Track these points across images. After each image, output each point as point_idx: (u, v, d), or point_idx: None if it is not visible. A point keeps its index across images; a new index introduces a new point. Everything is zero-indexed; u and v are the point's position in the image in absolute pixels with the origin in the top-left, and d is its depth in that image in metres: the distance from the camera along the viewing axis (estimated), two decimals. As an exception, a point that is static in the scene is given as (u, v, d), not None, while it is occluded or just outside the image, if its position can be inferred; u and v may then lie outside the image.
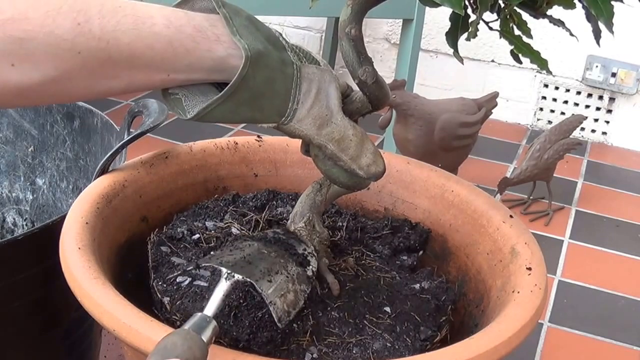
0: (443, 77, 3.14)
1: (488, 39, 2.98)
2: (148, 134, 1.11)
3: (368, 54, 0.95)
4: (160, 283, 0.97)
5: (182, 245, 1.05)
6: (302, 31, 3.28)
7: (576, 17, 0.96)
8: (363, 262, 1.08)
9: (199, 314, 0.81)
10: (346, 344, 0.91)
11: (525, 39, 0.95)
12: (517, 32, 0.95)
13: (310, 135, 0.92)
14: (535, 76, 3.09)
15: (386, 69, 3.16)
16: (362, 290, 1.01)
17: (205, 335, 0.78)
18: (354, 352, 0.90)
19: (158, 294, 0.96)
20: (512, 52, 0.97)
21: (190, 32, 0.85)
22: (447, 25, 0.94)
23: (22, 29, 0.77)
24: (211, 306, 0.84)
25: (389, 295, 1.02)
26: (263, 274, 0.89)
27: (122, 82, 0.85)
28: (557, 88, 3.09)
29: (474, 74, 3.10)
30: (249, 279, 0.87)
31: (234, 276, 0.87)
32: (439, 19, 2.88)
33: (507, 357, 0.86)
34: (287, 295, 0.89)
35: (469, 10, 0.90)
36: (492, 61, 3.07)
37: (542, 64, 0.95)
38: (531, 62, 0.95)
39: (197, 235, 1.07)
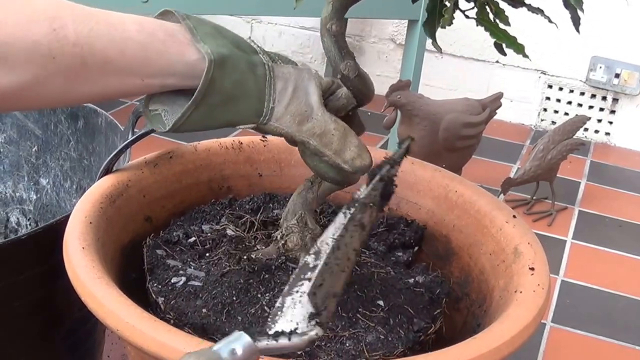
0: (448, 78, 3.14)
1: (492, 40, 2.97)
2: (152, 134, 1.11)
3: (350, 49, 0.96)
4: (155, 284, 0.98)
5: (177, 249, 1.06)
6: (307, 32, 3.28)
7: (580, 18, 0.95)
8: (358, 258, 1.09)
9: (246, 335, 0.70)
10: (339, 337, 0.92)
11: (502, 26, 0.95)
12: (502, 26, 0.96)
13: (292, 133, 0.93)
14: (539, 77, 3.09)
15: (391, 70, 3.16)
16: (356, 285, 1.02)
17: None
18: (347, 345, 0.91)
19: (153, 294, 0.97)
20: (495, 43, 0.97)
21: (162, 37, 0.87)
22: (452, 27, 0.95)
23: None
24: (269, 344, 0.72)
25: (383, 290, 1.02)
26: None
27: (96, 86, 0.87)
28: (560, 89, 3.09)
29: (478, 75, 3.10)
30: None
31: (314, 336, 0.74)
32: (443, 19, 2.87)
33: (510, 357, 0.86)
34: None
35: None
36: (497, 62, 3.07)
37: (518, 48, 0.96)
38: (506, 46, 0.96)
39: (193, 239, 1.08)
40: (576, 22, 0.95)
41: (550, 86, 3.09)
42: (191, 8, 2.27)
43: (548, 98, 3.12)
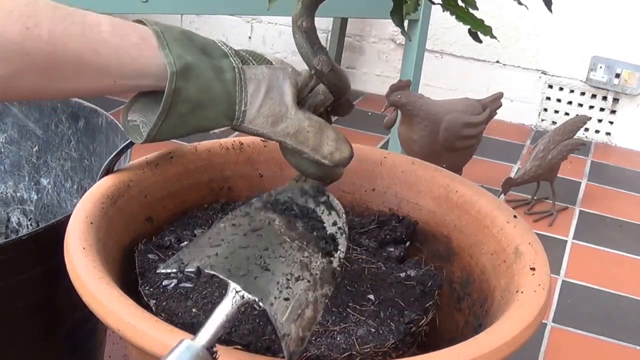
0: (448, 78, 3.14)
1: (493, 40, 2.96)
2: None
3: (322, 44, 0.96)
4: (147, 287, 0.98)
5: (170, 253, 1.06)
6: (306, 31, 3.27)
7: (579, 18, 0.96)
8: (349, 255, 1.09)
9: (188, 342, 0.71)
10: (330, 332, 0.93)
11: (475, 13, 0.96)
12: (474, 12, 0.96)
13: (266, 133, 0.95)
14: (539, 77, 3.09)
15: (391, 70, 3.16)
16: (346, 281, 1.02)
17: None
18: (337, 339, 0.92)
19: (145, 297, 0.97)
20: (469, 31, 0.97)
21: (135, 40, 0.90)
22: (452, 26, 0.96)
23: None
24: (206, 334, 0.72)
25: (373, 284, 1.03)
26: (281, 287, 0.78)
27: (70, 84, 0.89)
28: (561, 89, 3.09)
29: (478, 75, 3.10)
30: (262, 303, 0.74)
31: (243, 297, 0.74)
32: (444, 19, 2.87)
33: (511, 357, 0.86)
34: (305, 313, 0.78)
35: None
36: (497, 62, 3.07)
37: (485, 30, 0.96)
38: (472, 28, 0.96)
39: (185, 242, 1.08)
40: (548, 3, 0.95)
41: (550, 86, 3.09)
42: (191, 8, 2.27)
43: (548, 98, 3.12)
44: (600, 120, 3.08)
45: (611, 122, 3.07)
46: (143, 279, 1.00)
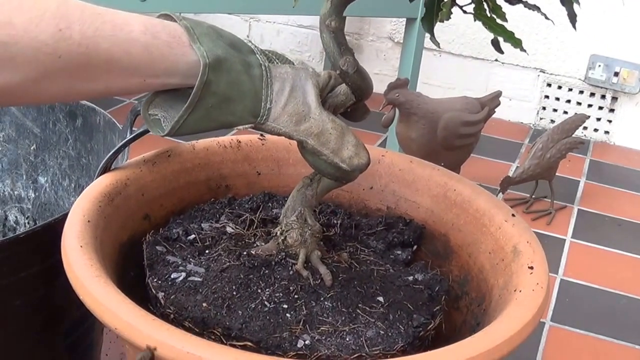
0: (446, 76, 3.14)
1: (491, 39, 2.96)
2: (150, 133, 1.11)
3: (349, 45, 0.96)
4: (155, 280, 0.98)
5: (177, 245, 1.06)
6: (305, 30, 3.28)
7: (578, 16, 0.96)
8: (357, 256, 1.10)
9: None
10: (339, 332, 0.93)
11: (499, 21, 0.96)
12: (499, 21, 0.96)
13: (289, 132, 0.94)
14: (538, 75, 3.08)
15: (389, 68, 3.16)
16: (355, 281, 1.02)
17: None
18: (347, 339, 0.92)
19: (153, 289, 0.97)
20: (492, 41, 0.98)
21: (165, 38, 0.89)
22: (451, 24, 0.95)
23: (5, 33, 0.80)
24: None
25: (382, 286, 1.03)
26: None
27: (100, 85, 0.88)
28: (560, 87, 3.08)
29: (477, 73, 3.10)
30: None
31: None
32: (441, 17, 2.86)
33: (509, 356, 0.86)
34: None
35: None
36: (496, 60, 3.07)
37: (516, 42, 0.97)
38: (504, 40, 0.97)
39: (193, 236, 1.08)
40: (572, 18, 0.96)
41: (549, 84, 3.09)
42: (189, 7, 2.28)
43: (547, 96, 3.12)
44: (598, 119, 3.07)
45: (610, 121, 3.07)
46: (151, 271, 1.00)
